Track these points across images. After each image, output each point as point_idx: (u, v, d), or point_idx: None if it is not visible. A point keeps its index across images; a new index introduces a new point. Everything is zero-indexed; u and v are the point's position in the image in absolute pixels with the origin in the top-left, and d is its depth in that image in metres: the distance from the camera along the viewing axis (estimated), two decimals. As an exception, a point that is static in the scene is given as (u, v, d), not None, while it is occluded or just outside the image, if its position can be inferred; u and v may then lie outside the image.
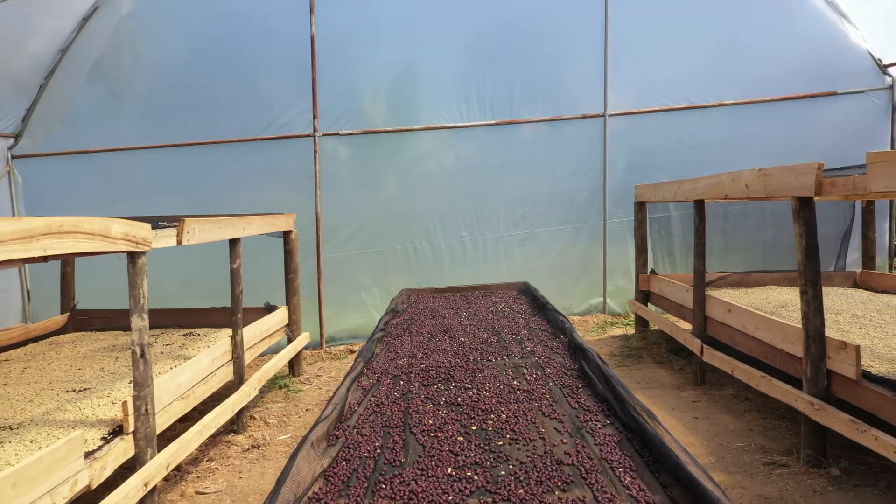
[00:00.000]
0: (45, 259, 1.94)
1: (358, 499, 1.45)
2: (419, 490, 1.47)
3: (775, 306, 3.68)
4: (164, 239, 2.66)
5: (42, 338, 4.23)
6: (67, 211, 4.81)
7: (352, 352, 5.23)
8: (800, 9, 5.33)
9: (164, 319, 4.36)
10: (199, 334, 4.04)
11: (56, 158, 5.31)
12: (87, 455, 2.14)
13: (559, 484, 1.46)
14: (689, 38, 5.43)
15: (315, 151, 5.24)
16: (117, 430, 2.39)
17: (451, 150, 5.52)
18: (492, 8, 5.42)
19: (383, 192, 5.49)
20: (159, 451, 2.51)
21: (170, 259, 4.06)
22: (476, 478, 1.52)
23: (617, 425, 1.82)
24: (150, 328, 4.07)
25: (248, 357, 3.76)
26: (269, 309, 4.48)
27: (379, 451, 1.73)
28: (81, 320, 4.57)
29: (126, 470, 2.30)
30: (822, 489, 2.36)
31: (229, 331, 3.72)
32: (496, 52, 5.43)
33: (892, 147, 5.35)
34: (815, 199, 2.49)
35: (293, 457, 1.56)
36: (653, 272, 4.88)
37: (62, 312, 4.55)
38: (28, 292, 5.34)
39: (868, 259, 4.73)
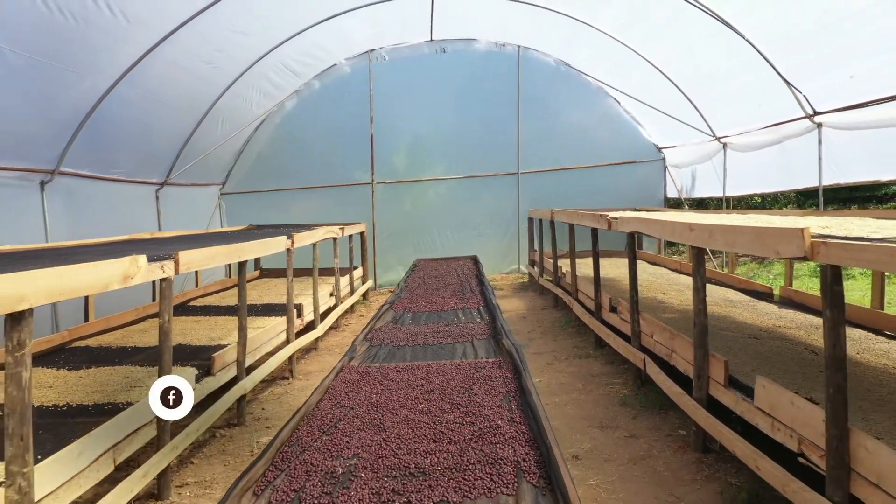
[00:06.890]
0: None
1: (414, 295, 6.64)
2: (431, 293, 6.67)
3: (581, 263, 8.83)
4: (339, 233, 7.83)
5: (251, 280, 9.38)
6: (249, 222, 9.99)
7: (391, 291, 10.37)
8: (618, 118, 10.52)
9: (300, 273, 9.50)
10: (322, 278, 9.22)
11: (241, 195, 10.48)
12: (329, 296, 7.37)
13: (459, 285, 6.67)
14: (562, 130, 10.62)
15: (372, 192, 10.43)
16: (330, 295, 7.58)
17: (443, 186, 10.71)
18: (462, 98, 10.61)
19: (404, 210, 10.66)
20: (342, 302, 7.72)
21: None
22: (450, 291, 6.73)
23: (478, 283, 7.03)
24: (298, 276, 9.30)
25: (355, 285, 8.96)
26: (355, 268, 9.64)
27: (418, 288, 6.92)
28: (264, 273, 9.73)
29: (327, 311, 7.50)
30: (556, 307, 7.56)
31: (336, 277, 8.87)
32: (463, 135, 10.62)
33: (665, 189, 10.57)
34: (553, 220, 7.70)
35: (396, 288, 6.78)
36: (534, 251, 10.04)
37: (255, 269, 9.71)
38: (227, 262, 10.49)
39: (639, 245, 9.92)
